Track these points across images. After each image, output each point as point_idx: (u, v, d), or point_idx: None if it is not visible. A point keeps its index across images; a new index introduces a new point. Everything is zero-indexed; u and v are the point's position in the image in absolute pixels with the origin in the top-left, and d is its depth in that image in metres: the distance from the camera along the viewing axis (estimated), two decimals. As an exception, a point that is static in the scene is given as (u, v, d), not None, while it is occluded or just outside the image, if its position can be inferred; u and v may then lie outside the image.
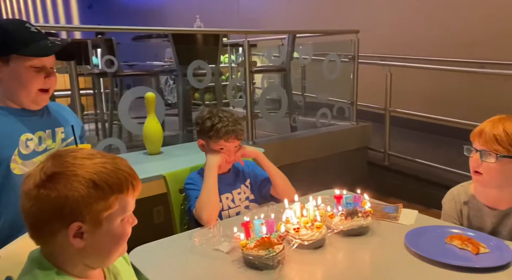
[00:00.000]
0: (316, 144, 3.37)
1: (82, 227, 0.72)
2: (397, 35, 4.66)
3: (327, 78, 3.50)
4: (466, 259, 1.03)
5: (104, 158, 0.75)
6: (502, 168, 1.12)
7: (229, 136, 1.41)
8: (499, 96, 3.63)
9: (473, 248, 1.06)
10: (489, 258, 1.03)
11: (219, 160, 1.42)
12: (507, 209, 1.16)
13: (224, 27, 4.59)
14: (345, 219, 1.22)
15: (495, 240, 1.10)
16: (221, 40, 3.17)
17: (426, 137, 4.02)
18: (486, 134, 1.13)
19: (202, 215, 1.31)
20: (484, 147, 1.13)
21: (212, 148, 1.44)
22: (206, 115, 1.45)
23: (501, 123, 1.13)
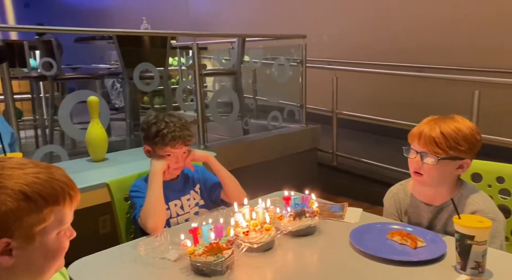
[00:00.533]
0: (268, 146, 3.41)
1: (10, 243, 0.66)
2: (343, 40, 4.85)
3: (277, 82, 3.56)
4: (405, 254, 1.09)
5: (37, 167, 0.70)
6: (442, 168, 1.17)
7: (175, 142, 1.37)
8: (436, 98, 3.90)
9: (411, 243, 1.12)
10: (426, 251, 1.09)
11: (163, 165, 1.37)
12: (441, 204, 1.24)
13: (172, 30, 4.52)
14: (294, 219, 1.24)
15: (431, 234, 1.17)
16: (169, 43, 3.10)
17: (371, 138, 4.23)
18: (425, 137, 1.16)
19: (147, 223, 1.27)
20: (424, 149, 1.16)
21: (158, 154, 1.40)
22: (152, 121, 1.40)
23: (438, 125, 1.16)
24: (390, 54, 4.38)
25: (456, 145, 1.14)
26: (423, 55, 4.16)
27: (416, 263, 1.04)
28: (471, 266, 0.96)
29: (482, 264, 0.95)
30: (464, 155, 1.17)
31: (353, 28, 4.79)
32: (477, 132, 1.18)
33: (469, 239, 0.95)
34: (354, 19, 4.77)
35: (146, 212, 1.29)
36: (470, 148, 1.16)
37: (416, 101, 4.07)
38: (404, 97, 4.20)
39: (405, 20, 4.33)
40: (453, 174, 1.20)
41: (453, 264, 1.01)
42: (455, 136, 1.14)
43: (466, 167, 1.19)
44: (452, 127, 1.15)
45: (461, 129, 1.16)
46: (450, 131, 1.15)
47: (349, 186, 3.50)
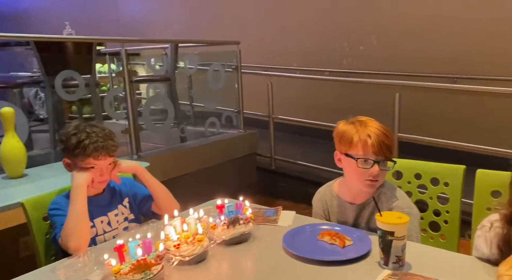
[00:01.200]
0: (206, 153, 3.36)
1: None
2: (277, 47, 4.98)
3: (213, 88, 3.54)
4: (334, 253, 1.12)
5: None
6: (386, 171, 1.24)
7: (98, 153, 1.28)
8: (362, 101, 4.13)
9: (340, 242, 1.16)
10: (354, 249, 1.13)
11: (86, 178, 1.27)
12: (363, 202, 1.30)
13: (100, 35, 4.30)
14: (227, 228, 1.23)
15: (358, 232, 1.23)
16: (95, 49, 2.94)
17: (307, 140, 4.37)
18: (378, 145, 1.17)
19: (69, 244, 1.17)
20: (380, 156, 1.19)
21: (80, 166, 1.29)
22: (72, 131, 1.30)
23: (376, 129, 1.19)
24: (321, 60, 4.58)
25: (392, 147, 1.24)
26: (351, 61, 4.41)
27: (344, 262, 1.08)
28: (392, 260, 1.01)
29: (402, 258, 1.01)
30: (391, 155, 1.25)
31: (286, 35, 4.93)
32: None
33: (390, 235, 1.00)
34: (287, 26, 4.92)
35: (68, 231, 1.19)
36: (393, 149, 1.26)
37: (345, 104, 4.29)
38: (335, 101, 4.41)
39: (335, 28, 4.55)
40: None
41: (377, 260, 1.06)
42: (391, 137, 1.24)
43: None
44: (384, 129, 1.22)
45: (389, 130, 1.24)
46: (387, 133, 1.21)
47: (287, 188, 3.58)
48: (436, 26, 3.88)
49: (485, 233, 1.01)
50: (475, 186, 1.35)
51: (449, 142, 2.87)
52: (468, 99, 3.60)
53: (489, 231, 1.00)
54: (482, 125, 3.58)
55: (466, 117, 3.71)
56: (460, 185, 1.41)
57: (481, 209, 1.31)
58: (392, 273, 0.99)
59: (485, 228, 1.02)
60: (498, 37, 3.57)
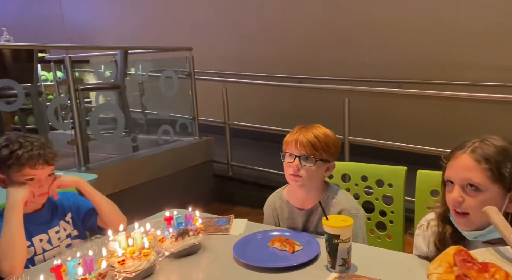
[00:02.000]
0: (161, 162, 3.28)
1: None
2: (230, 53, 4.98)
3: (166, 95, 3.47)
4: (284, 259, 1.12)
5: None
6: (316, 170, 1.26)
7: (35, 161, 1.19)
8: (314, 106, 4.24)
9: (289, 248, 1.16)
10: (303, 254, 1.14)
11: (23, 194, 1.18)
12: (311, 208, 1.32)
13: (45, 42, 4.09)
14: (176, 240, 1.19)
15: (306, 236, 1.24)
16: (36, 56, 2.78)
17: (262, 146, 4.39)
18: (302, 141, 1.25)
19: (1, 266, 1.08)
20: (302, 152, 1.25)
21: (16, 180, 1.20)
22: (2, 143, 1.20)
23: (310, 131, 1.27)
24: (274, 67, 4.64)
25: (327, 148, 1.27)
26: (302, 67, 4.51)
27: (294, 267, 1.08)
28: (339, 263, 1.03)
29: (348, 260, 1.03)
30: (331, 157, 1.29)
31: (239, 41, 4.95)
32: (337, 140, 1.32)
33: (336, 238, 1.02)
34: (240, 33, 4.94)
35: (1, 253, 1.10)
36: (335, 151, 1.30)
37: (298, 109, 4.37)
38: (287, 106, 4.49)
39: (287, 34, 4.64)
40: (322, 176, 1.31)
41: (325, 264, 1.07)
42: (326, 140, 1.27)
43: (331, 169, 1.31)
44: (322, 132, 1.28)
45: (328, 134, 1.29)
46: (322, 135, 1.27)
47: (245, 194, 3.57)
48: (383, 33, 4.07)
49: (423, 232, 1.05)
50: (416, 186, 1.41)
51: (393, 144, 3.00)
52: (412, 102, 3.81)
53: (426, 229, 1.04)
54: (425, 127, 3.79)
55: (410, 119, 3.91)
56: (403, 185, 1.47)
57: (422, 208, 1.37)
58: (338, 275, 1.00)
59: (422, 227, 1.06)
60: (439, 43, 3.80)
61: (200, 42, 4.16)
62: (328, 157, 1.28)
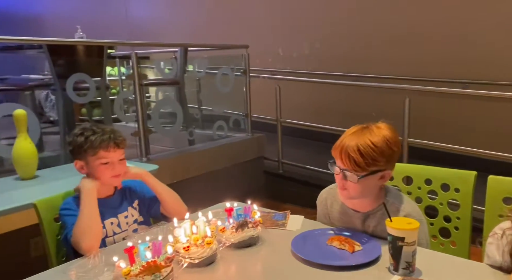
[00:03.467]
0: (214, 157, 3.38)
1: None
2: (285, 50, 4.99)
3: (222, 91, 3.56)
4: (344, 258, 1.12)
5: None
6: (364, 183, 1.19)
7: (107, 143, 1.30)
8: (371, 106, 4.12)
9: (349, 247, 1.15)
10: (363, 254, 1.12)
11: (94, 183, 1.31)
12: (368, 212, 1.28)
13: (111, 39, 4.35)
14: (236, 231, 1.23)
15: (367, 237, 1.22)
16: (106, 52, 2.98)
17: (314, 145, 4.36)
18: (345, 154, 1.17)
19: (81, 243, 1.19)
20: (346, 167, 1.18)
21: (93, 165, 1.31)
22: (77, 132, 1.33)
23: (355, 141, 1.17)
24: (329, 64, 4.58)
25: (374, 161, 1.16)
26: (360, 65, 4.40)
27: (354, 267, 1.07)
28: (402, 266, 1.00)
29: (412, 264, 1.01)
30: (384, 166, 1.20)
31: (294, 39, 4.94)
32: (395, 143, 1.19)
33: (400, 241, 0.99)
34: (296, 29, 4.93)
35: (80, 230, 1.21)
36: (388, 160, 1.19)
37: (354, 109, 4.27)
38: (344, 105, 4.40)
39: (345, 32, 4.55)
40: (376, 185, 1.23)
41: (387, 266, 1.05)
42: (372, 153, 1.15)
43: (387, 176, 1.23)
44: (368, 143, 1.16)
45: (377, 144, 1.16)
46: (367, 148, 1.15)
47: (295, 192, 3.57)
48: (448, 30, 3.86)
49: (497, 241, 0.99)
50: (486, 192, 1.33)
51: (459, 148, 2.84)
52: (479, 104, 3.57)
53: (501, 238, 0.99)
54: (493, 131, 3.54)
55: (477, 122, 3.68)
56: (471, 191, 1.39)
57: (492, 216, 1.29)
58: (402, 278, 0.98)
59: (496, 236, 1.00)
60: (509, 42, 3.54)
61: (255, 40, 4.21)
62: (377, 168, 1.18)
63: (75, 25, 3.73)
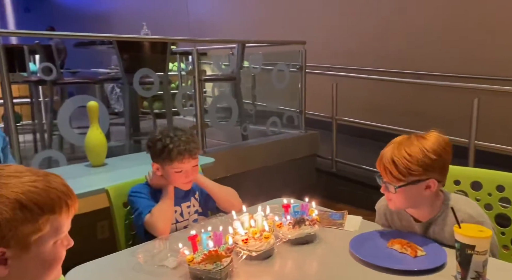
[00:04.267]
0: (267, 152, 3.40)
1: (5, 252, 0.65)
2: (342, 46, 4.88)
3: (276, 88, 3.57)
4: (405, 263, 1.08)
5: (35, 175, 0.69)
6: (404, 194, 1.17)
7: (182, 157, 1.35)
8: (435, 105, 3.91)
9: (411, 252, 1.11)
10: (426, 260, 1.08)
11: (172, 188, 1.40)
12: (429, 220, 1.23)
13: (172, 35, 4.53)
14: (293, 227, 1.23)
15: (431, 243, 1.16)
16: (169, 48, 3.11)
17: (371, 144, 4.21)
18: (382, 165, 1.17)
19: (158, 224, 1.27)
20: (385, 178, 1.18)
21: (168, 171, 1.38)
22: (157, 137, 1.38)
23: (391, 152, 1.16)
24: (390, 61, 4.40)
25: (408, 171, 1.13)
26: (423, 62, 4.18)
27: (416, 272, 1.04)
28: (471, 276, 0.95)
29: (483, 274, 0.95)
30: (424, 176, 1.15)
31: (353, 35, 4.81)
32: (433, 152, 1.14)
33: (470, 249, 0.94)
34: (355, 25, 4.80)
35: (159, 213, 1.30)
36: (426, 169, 1.14)
37: (415, 108, 4.08)
38: (404, 103, 4.22)
39: (406, 27, 4.35)
40: (423, 195, 1.18)
41: (453, 274, 1.00)
42: (406, 163, 1.13)
43: (433, 186, 1.16)
44: (403, 154, 1.14)
45: (412, 154, 1.13)
46: (400, 158, 1.14)
47: (348, 192, 3.49)
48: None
49: None
50: None
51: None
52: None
53: None
54: None
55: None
56: (551, 200, 1.28)
57: None
58: (471, 289, 0.93)
59: None
60: None
61: (312, 35, 4.16)
62: (416, 177, 1.14)
63: (140, 22, 3.94)
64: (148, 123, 4.05)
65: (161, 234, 1.27)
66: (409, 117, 3.95)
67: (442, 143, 1.16)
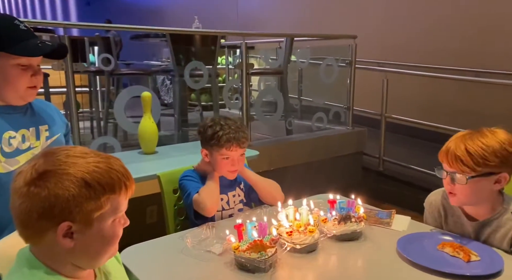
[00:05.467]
0: (311, 148, 3.37)
1: (72, 226, 0.71)
2: (394, 41, 4.69)
3: (324, 82, 3.51)
4: (457, 267, 1.03)
5: (98, 157, 0.74)
6: (473, 187, 1.12)
7: (230, 144, 1.39)
8: (492, 104, 3.67)
9: (464, 256, 1.06)
10: (480, 266, 1.03)
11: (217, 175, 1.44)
12: (484, 220, 1.17)
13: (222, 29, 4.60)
14: (338, 223, 1.22)
15: (486, 248, 1.11)
16: (219, 42, 3.16)
17: (421, 144, 4.04)
18: (451, 155, 1.12)
19: (206, 202, 1.33)
20: (452, 168, 1.13)
21: (215, 157, 1.42)
22: (208, 124, 1.43)
23: (463, 143, 1.12)
24: (444, 57, 4.17)
25: (485, 161, 1.08)
26: (481, 59, 3.92)
27: (469, 278, 0.99)
28: (532, 286, 0.89)
29: (545, 285, 0.89)
30: (498, 169, 1.10)
31: (406, 30, 4.61)
32: (510, 144, 1.10)
33: (532, 257, 0.88)
34: (408, 20, 4.60)
35: (206, 192, 1.36)
36: (502, 161, 1.09)
37: (471, 107, 3.84)
38: (459, 102, 3.99)
39: (461, 21, 4.10)
40: (491, 190, 1.13)
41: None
42: (482, 153, 1.08)
43: (504, 181, 1.11)
44: (478, 143, 1.10)
45: (488, 144, 1.09)
46: (476, 147, 1.09)
47: (395, 192, 3.38)
48: None
49: None
50: None
51: None
52: None
53: None
54: None
55: None
56: None
57: None
58: (531, 300, 0.87)
59: None
60: None
61: (363, 30, 4.04)
62: (490, 169, 1.09)
63: (192, 16, 4.04)
64: (196, 115, 4.16)
65: (208, 212, 1.32)
66: (464, 116, 3.73)
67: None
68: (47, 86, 2.86)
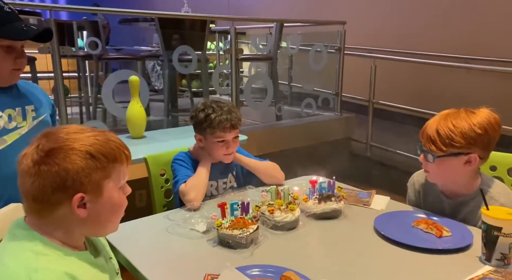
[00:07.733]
0: (300, 133, 3.41)
1: (84, 197, 0.75)
2: (383, 28, 4.70)
3: (313, 69, 3.53)
4: (430, 242, 1.08)
5: (94, 131, 0.79)
6: (441, 166, 1.15)
7: (224, 125, 1.39)
8: (480, 91, 3.72)
9: (437, 232, 1.11)
10: (451, 240, 1.08)
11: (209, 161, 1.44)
12: (461, 198, 1.21)
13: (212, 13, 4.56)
14: (319, 202, 1.27)
15: (457, 224, 1.16)
16: (208, 27, 3.15)
17: (408, 130, 4.10)
18: (425, 134, 1.17)
19: (190, 193, 1.32)
20: (425, 147, 1.17)
21: (210, 141, 1.42)
22: (200, 108, 1.43)
23: (437, 122, 1.15)
24: (433, 44, 4.20)
25: (451, 142, 1.12)
26: (470, 46, 3.96)
27: (440, 251, 1.04)
28: (496, 257, 0.94)
29: (509, 256, 0.94)
30: (466, 149, 1.13)
31: (394, 16, 4.62)
32: (480, 127, 1.12)
33: (496, 231, 0.93)
34: (396, 6, 4.60)
35: (192, 184, 1.35)
36: (470, 143, 1.12)
37: (459, 93, 3.89)
38: (447, 89, 4.04)
39: (452, 7, 4.12)
40: (461, 169, 1.17)
41: (478, 255, 1.00)
42: (449, 133, 1.12)
43: (474, 161, 1.15)
44: (448, 124, 1.13)
45: (458, 125, 1.12)
46: (445, 128, 1.13)
47: (382, 177, 3.44)
48: None
49: None
50: None
51: None
52: None
53: None
54: None
55: None
56: None
57: None
58: (494, 269, 0.93)
59: None
60: None
61: (352, 16, 4.04)
62: (458, 150, 1.13)
63: (181, 0, 4.00)
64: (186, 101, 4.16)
65: (190, 202, 1.32)
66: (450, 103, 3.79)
67: (492, 120, 1.15)
68: (35, 71, 2.84)
